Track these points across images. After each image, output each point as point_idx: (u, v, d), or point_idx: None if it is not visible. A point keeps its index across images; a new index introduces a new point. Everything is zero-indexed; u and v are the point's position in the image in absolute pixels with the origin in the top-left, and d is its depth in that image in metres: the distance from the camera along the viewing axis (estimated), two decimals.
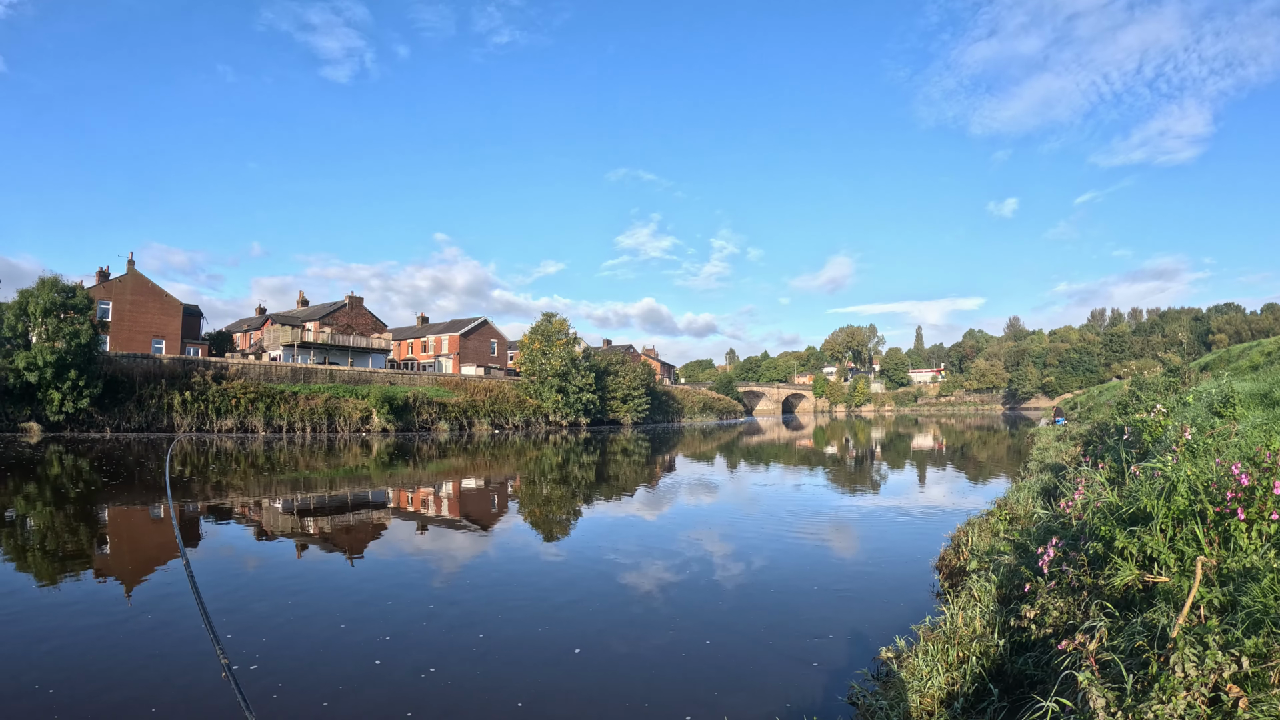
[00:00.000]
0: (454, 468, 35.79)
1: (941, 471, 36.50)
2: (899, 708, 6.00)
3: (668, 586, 12.55)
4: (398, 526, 18.85)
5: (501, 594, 11.91)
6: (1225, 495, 5.59)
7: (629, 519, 20.40)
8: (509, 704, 7.45)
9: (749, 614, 10.77)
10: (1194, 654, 3.94)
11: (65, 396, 46.44)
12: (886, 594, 11.86)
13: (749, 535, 17.51)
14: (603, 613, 10.91)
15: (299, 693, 7.68)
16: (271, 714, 7.13)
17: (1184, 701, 3.75)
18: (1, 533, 16.84)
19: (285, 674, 8.17)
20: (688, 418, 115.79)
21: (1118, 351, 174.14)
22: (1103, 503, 7.06)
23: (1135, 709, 3.87)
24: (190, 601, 10.74)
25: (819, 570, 13.79)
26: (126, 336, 68.11)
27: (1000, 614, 7.23)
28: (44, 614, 10.44)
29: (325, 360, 78.97)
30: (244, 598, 11.47)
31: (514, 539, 17.42)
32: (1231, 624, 4.16)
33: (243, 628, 9.80)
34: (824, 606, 11.19)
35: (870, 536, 17.42)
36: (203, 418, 53.19)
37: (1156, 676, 4.02)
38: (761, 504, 23.27)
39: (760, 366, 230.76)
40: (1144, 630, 4.63)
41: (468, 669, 8.41)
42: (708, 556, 15.08)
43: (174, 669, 8.33)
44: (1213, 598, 4.60)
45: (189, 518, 19.62)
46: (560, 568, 14.20)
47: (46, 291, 47.79)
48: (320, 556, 15.04)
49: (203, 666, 8.28)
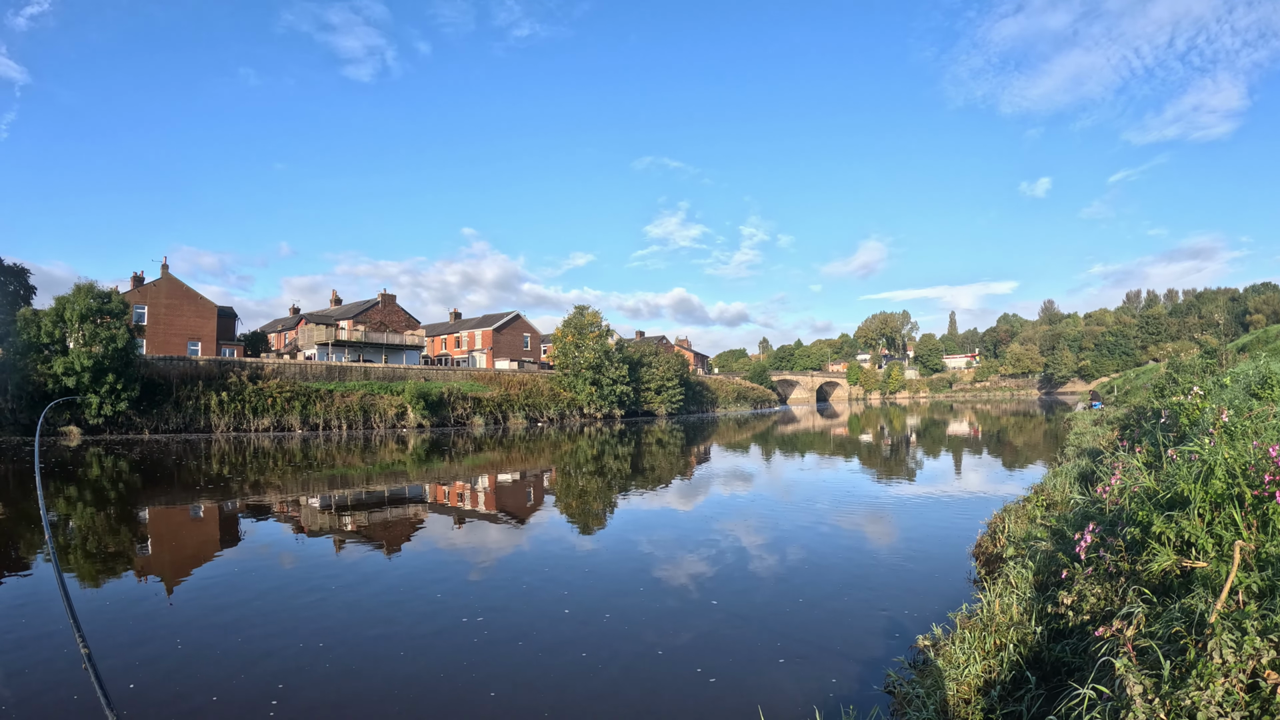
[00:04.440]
0: (491, 461, 36.01)
1: (978, 458, 36.22)
2: (935, 696, 6.00)
3: (703, 578, 12.57)
4: (440, 521, 19.01)
5: (551, 587, 12.00)
6: (1263, 478, 5.51)
7: (664, 511, 20.43)
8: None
9: (785, 604, 10.78)
10: (1232, 640, 3.88)
11: (104, 400, 47.20)
12: (924, 582, 11.82)
13: (785, 526, 17.49)
14: (636, 605, 10.97)
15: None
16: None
17: (1222, 688, 3.69)
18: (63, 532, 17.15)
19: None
20: (722, 407, 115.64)
21: (1154, 334, 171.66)
22: (1140, 487, 6.99)
23: (1173, 696, 3.82)
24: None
25: (855, 560, 13.76)
26: (163, 340, 69.03)
27: (1037, 601, 7.18)
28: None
29: (359, 358, 79.71)
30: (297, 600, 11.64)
31: (550, 531, 17.52)
32: (1270, 609, 4.09)
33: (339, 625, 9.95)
34: (861, 596, 11.16)
35: (908, 524, 17.34)
36: (239, 417, 53.88)
37: (1194, 663, 3.97)
38: (797, 493, 23.24)
39: (794, 355, 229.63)
40: (1182, 616, 4.59)
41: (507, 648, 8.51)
42: (743, 548, 15.08)
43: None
44: (1251, 583, 4.54)
45: (250, 513, 19.92)
46: (593, 556, 14.32)
47: (82, 298, 48.53)
48: (361, 550, 15.21)
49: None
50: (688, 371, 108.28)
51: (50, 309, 48.84)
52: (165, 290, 71.04)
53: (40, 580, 12.93)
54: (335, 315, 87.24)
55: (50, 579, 12.90)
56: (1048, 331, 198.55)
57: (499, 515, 20.22)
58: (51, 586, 12.29)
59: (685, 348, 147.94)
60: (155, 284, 70.88)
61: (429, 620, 10.14)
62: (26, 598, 11.62)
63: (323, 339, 78.36)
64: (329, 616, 10.37)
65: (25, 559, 14.76)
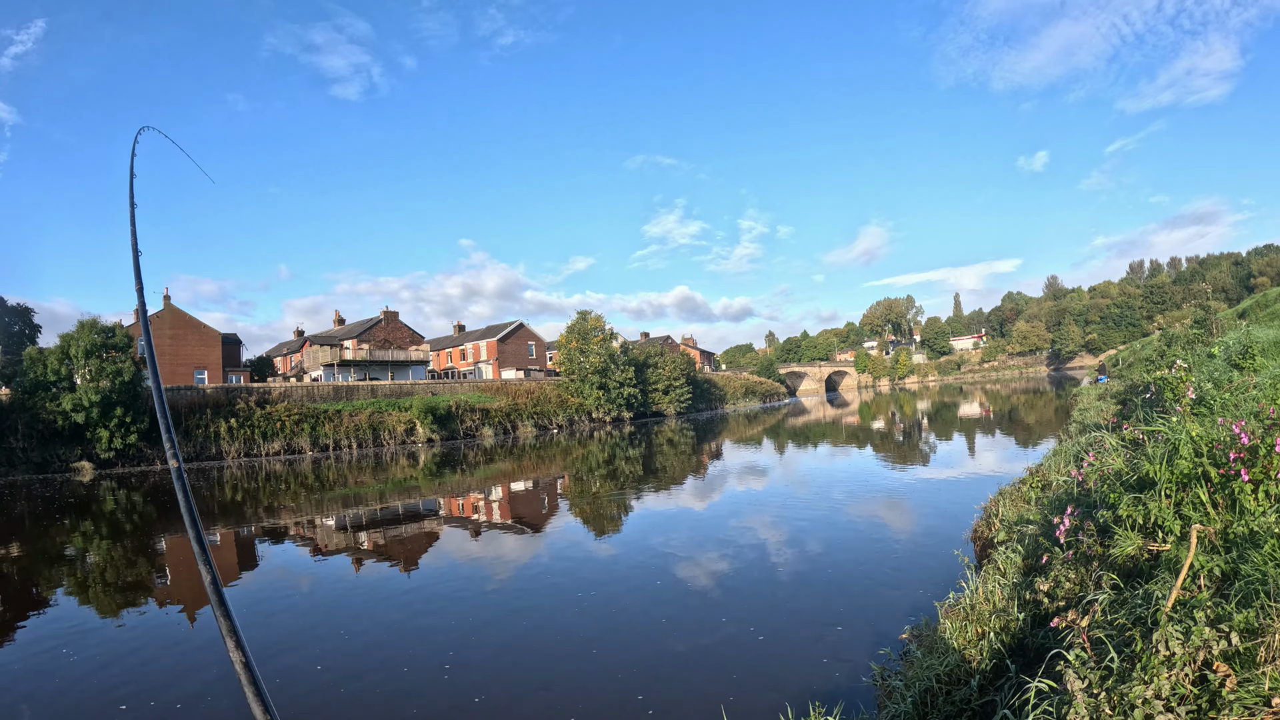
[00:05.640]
0: (502, 472, 36.09)
1: (990, 439, 36.20)
2: (915, 688, 6.03)
3: (720, 576, 12.73)
4: (459, 533, 19.10)
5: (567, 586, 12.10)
6: (1229, 456, 5.52)
7: (679, 510, 20.51)
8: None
9: (791, 602, 10.98)
10: (1179, 631, 3.82)
11: (113, 434, 47.33)
12: (926, 570, 11.90)
13: (799, 519, 17.57)
14: (652, 604, 11.13)
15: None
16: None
17: (1168, 682, 3.61)
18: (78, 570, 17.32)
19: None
20: (731, 404, 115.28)
21: (1159, 303, 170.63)
22: (1110, 469, 7.01)
23: (1116, 690, 3.77)
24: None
25: (863, 551, 13.88)
26: (169, 370, 69.19)
27: (1021, 586, 7.21)
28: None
29: (366, 376, 79.83)
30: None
31: (567, 536, 17.62)
32: (1225, 595, 4.08)
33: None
34: (866, 588, 11.29)
35: (918, 511, 17.43)
36: (249, 443, 53.93)
37: (1139, 655, 3.93)
38: (811, 485, 23.28)
39: (800, 347, 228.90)
40: (1144, 603, 4.59)
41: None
42: (759, 544, 15.19)
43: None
44: (1213, 566, 4.53)
45: (266, 536, 20.04)
46: (614, 562, 14.44)
47: (86, 333, 48.66)
48: (377, 569, 15.32)
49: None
50: (694, 370, 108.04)
51: (56, 346, 49.04)
52: (168, 321, 71.26)
53: (60, 616, 13.08)
54: (339, 335, 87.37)
55: (78, 613, 13.06)
56: (1053, 307, 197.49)
57: (523, 524, 20.29)
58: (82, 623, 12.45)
59: (691, 346, 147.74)
60: (158, 315, 71.05)
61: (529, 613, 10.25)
62: (62, 637, 11.78)
63: (328, 360, 78.47)
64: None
65: (45, 596, 14.94)
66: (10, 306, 69.52)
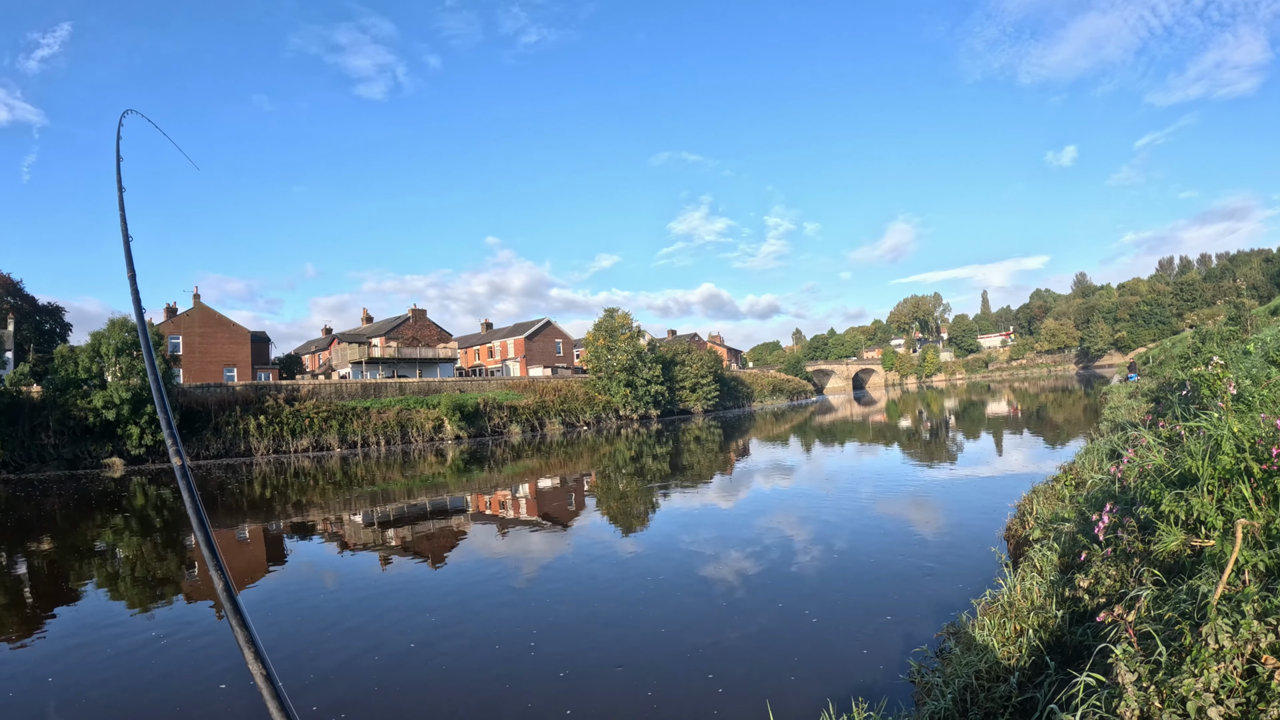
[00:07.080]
0: (530, 469, 36.27)
1: (1018, 437, 35.99)
2: (954, 684, 6.03)
3: (747, 576, 12.78)
4: (486, 530, 19.22)
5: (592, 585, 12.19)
6: (1271, 452, 5.49)
7: (706, 508, 20.55)
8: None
9: (827, 598, 11.05)
10: (1227, 624, 3.82)
11: (144, 430, 47.94)
12: (959, 568, 11.88)
13: (827, 518, 17.57)
14: (678, 603, 11.20)
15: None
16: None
17: (1217, 675, 3.62)
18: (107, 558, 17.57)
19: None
20: (758, 401, 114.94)
21: (1188, 300, 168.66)
22: (1150, 465, 6.97)
23: (1166, 683, 3.78)
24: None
25: (896, 549, 13.88)
26: (199, 368, 70.01)
27: (1059, 584, 7.18)
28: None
29: (394, 374, 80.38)
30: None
31: (594, 534, 17.69)
32: (1271, 590, 4.07)
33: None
34: (900, 586, 11.32)
35: (949, 509, 17.39)
36: (278, 440, 54.42)
37: (1188, 648, 3.93)
38: (838, 483, 23.25)
39: (827, 344, 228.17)
40: (1188, 598, 4.58)
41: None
42: (787, 543, 15.21)
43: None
44: (1257, 561, 4.52)
45: (294, 532, 20.26)
46: (641, 559, 14.50)
47: (117, 332, 49.41)
48: (406, 564, 15.46)
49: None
50: (721, 367, 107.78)
51: (86, 345, 49.84)
52: (198, 319, 72.12)
53: (88, 608, 13.28)
54: (367, 333, 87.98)
55: (107, 607, 13.26)
56: (1082, 305, 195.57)
57: (544, 522, 20.39)
58: (102, 617, 12.64)
59: (718, 344, 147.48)
60: (188, 314, 71.98)
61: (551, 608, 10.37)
62: (90, 631, 11.96)
63: (356, 357, 79.04)
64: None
65: (77, 589, 15.17)
66: (41, 306, 70.64)
